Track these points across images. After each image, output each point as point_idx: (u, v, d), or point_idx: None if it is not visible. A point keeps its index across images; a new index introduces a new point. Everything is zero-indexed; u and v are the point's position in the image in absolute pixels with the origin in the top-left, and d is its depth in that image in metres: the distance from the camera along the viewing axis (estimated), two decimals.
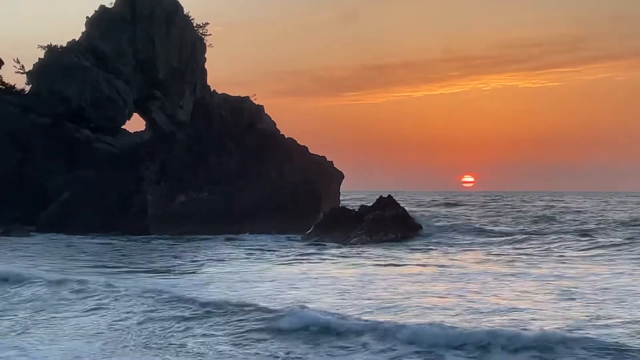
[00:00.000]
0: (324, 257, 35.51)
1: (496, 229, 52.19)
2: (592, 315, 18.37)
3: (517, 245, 40.73)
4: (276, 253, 37.69)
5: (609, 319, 17.84)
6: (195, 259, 35.25)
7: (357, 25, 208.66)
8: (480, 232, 49.32)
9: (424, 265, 31.15)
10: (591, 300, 21.04)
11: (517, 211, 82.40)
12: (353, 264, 31.85)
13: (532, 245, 40.74)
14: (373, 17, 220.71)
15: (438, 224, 54.59)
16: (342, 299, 21.55)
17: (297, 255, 36.28)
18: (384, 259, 33.63)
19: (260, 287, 24.17)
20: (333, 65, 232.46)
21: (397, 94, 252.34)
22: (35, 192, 51.34)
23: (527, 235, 45.91)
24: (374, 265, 31.38)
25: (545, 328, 16.14)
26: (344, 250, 39.03)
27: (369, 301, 21.02)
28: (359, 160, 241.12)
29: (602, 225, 55.03)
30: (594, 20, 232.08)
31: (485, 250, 38.87)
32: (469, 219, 67.28)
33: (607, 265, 30.76)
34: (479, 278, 26.19)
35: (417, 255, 36.27)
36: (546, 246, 40.06)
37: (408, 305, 19.90)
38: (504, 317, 18.26)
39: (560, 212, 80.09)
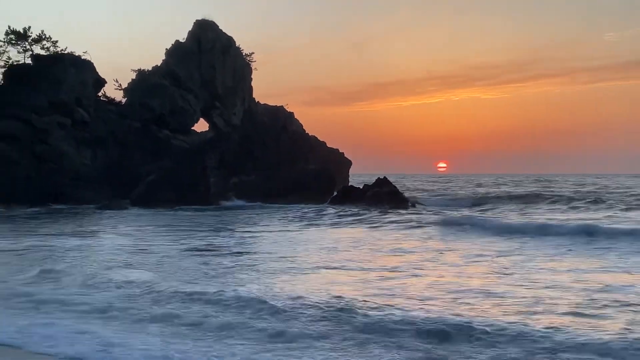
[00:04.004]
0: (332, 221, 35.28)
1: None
2: None
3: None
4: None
5: None
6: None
7: (363, 53, 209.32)
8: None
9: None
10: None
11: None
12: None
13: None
14: (375, 47, 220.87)
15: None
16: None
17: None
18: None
19: None
20: (345, 82, 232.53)
21: (392, 103, 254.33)
22: (130, 176, 51.43)
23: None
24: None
25: None
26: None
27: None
28: (363, 151, 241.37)
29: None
30: (536, 49, 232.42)
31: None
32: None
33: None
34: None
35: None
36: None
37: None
38: None
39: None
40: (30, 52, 54.53)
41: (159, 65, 57.89)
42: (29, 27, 54.67)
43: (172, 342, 10.21)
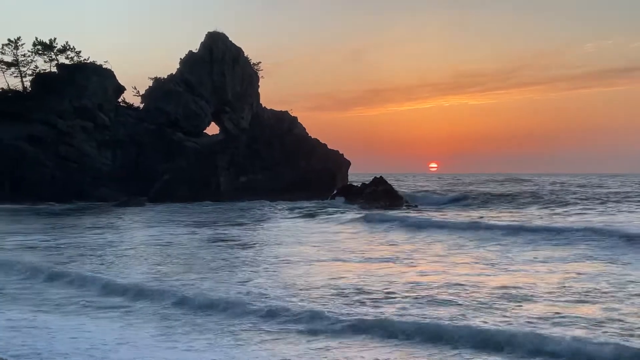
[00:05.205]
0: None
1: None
2: None
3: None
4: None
5: None
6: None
7: (361, 61, 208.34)
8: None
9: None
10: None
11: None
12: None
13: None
14: (372, 57, 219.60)
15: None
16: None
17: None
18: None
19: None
20: (344, 89, 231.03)
21: (388, 108, 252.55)
22: (147, 175, 51.42)
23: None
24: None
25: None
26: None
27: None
28: (361, 152, 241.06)
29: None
30: (520, 59, 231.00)
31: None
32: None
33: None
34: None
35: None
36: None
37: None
38: None
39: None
40: (56, 62, 54.48)
41: (173, 73, 57.39)
42: (55, 39, 54.63)
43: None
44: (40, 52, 54.20)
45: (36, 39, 54.30)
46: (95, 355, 8.72)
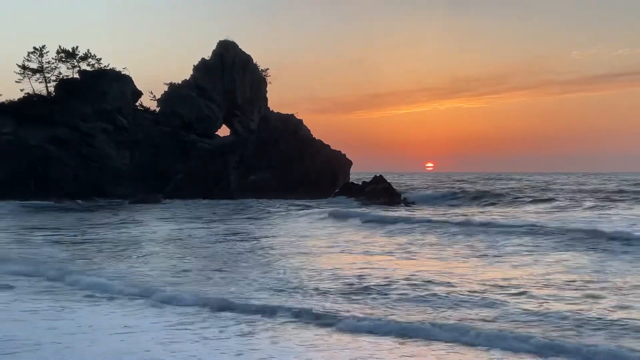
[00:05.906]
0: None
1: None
2: None
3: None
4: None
5: None
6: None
7: (362, 67, 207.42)
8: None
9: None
10: None
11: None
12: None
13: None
14: (372, 62, 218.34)
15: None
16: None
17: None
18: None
19: None
20: (346, 94, 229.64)
21: (387, 112, 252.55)
22: (162, 173, 51.80)
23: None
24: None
25: None
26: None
27: None
28: (362, 152, 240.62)
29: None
30: (511, 65, 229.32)
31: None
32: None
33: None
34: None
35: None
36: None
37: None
38: None
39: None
40: (78, 68, 54.95)
41: (187, 79, 57.65)
42: (77, 47, 55.20)
43: None
44: (63, 59, 54.73)
45: (59, 47, 55.01)
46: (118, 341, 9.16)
